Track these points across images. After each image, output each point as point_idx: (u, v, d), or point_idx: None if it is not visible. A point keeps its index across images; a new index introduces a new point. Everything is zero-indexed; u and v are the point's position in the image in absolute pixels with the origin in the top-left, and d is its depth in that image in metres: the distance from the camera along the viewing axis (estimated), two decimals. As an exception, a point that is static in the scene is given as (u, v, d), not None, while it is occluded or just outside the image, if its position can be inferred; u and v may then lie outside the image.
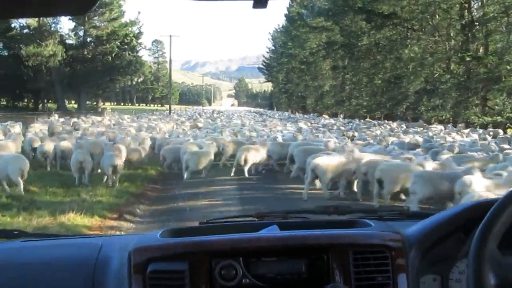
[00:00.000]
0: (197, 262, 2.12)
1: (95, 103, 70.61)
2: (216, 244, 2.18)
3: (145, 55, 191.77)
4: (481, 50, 40.40)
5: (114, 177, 15.50)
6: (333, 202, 12.13)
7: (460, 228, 2.14)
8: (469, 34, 40.66)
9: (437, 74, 42.92)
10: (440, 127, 35.62)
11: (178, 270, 2.10)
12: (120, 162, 15.73)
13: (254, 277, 2.13)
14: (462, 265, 2.12)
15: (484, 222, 1.75)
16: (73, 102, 75.84)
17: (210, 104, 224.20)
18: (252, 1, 1.28)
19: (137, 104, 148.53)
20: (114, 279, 2.17)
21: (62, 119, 39.93)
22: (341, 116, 62.55)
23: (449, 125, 37.84)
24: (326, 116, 61.80)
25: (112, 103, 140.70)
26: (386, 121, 45.63)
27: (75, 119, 39.98)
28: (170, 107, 70.79)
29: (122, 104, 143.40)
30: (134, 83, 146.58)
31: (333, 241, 2.19)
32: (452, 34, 43.55)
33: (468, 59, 37.11)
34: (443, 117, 42.26)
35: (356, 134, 29.69)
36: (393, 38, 49.22)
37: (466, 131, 30.22)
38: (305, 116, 66.32)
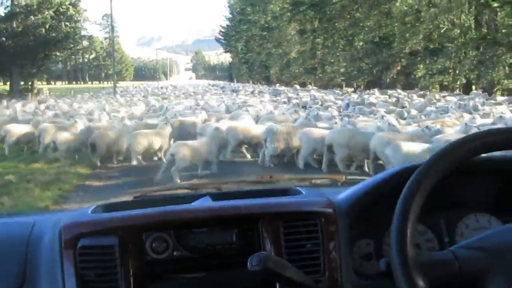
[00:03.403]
0: (127, 236, 2.12)
1: (28, 83, 61.85)
2: (145, 218, 2.19)
3: (95, 31, 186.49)
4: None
5: None
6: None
7: (388, 194, 2.06)
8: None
9: (444, 29, 35.02)
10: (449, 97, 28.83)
11: (108, 245, 2.10)
12: None
13: (185, 249, 2.19)
14: None
15: (404, 191, 1.68)
16: (7, 83, 67.03)
17: (167, 79, 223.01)
18: None
19: (89, 82, 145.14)
20: (46, 256, 2.16)
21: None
22: (311, 85, 57.46)
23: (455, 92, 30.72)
24: (297, 86, 55.18)
25: (64, 82, 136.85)
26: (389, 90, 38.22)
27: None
28: (114, 85, 61.42)
29: (74, 82, 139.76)
30: (86, 60, 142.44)
31: (263, 210, 2.22)
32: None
33: (496, 4, 29.10)
34: (458, 83, 34.79)
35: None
36: (377, -10, 41.56)
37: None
38: (272, 88, 58.99)
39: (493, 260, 1.65)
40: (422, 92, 34.07)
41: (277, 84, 66.08)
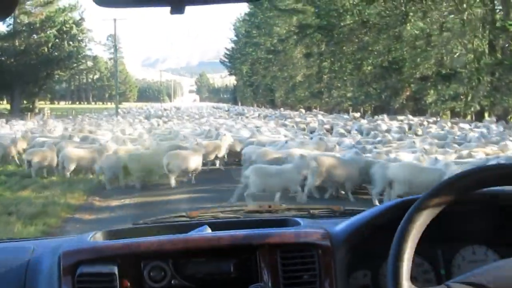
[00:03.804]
0: (126, 264, 2.14)
1: (29, 103, 60.66)
2: (144, 246, 2.20)
3: (100, 51, 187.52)
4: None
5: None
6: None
7: (386, 225, 2.02)
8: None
9: (457, 54, 33.83)
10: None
11: (107, 272, 2.10)
12: None
13: (183, 278, 2.18)
14: None
15: (401, 225, 1.69)
16: (8, 102, 65.98)
17: (171, 101, 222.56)
18: (170, 7, 1.38)
19: (93, 103, 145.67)
20: (45, 282, 2.16)
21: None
22: (317, 109, 57.50)
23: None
24: (303, 110, 54.51)
25: (68, 102, 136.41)
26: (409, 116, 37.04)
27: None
28: (116, 106, 60.39)
29: (78, 103, 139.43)
30: (90, 80, 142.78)
31: (260, 240, 2.22)
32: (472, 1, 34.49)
33: (513, 29, 27.93)
34: (472, 109, 33.59)
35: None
36: (387, 14, 40.45)
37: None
38: (279, 112, 57.94)
39: None
40: (434, 119, 33.04)
41: (282, 108, 64.94)
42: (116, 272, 2.07)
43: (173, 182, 14.98)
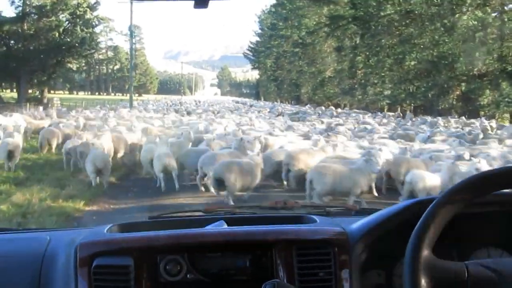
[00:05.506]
0: (142, 257, 2.14)
1: (37, 92, 57.05)
2: (160, 240, 2.20)
3: (121, 41, 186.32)
4: None
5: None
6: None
7: (401, 225, 2.08)
8: None
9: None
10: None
11: (123, 265, 2.11)
12: None
13: (198, 272, 2.18)
14: None
15: (418, 224, 1.70)
16: (14, 90, 62.55)
17: (192, 94, 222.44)
18: (193, 1, 1.41)
19: (113, 94, 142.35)
20: (61, 273, 2.18)
21: None
22: (347, 108, 54.72)
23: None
24: (333, 108, 51.21)
25: (87, 93, 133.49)
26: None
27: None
28: (131, 98, 56.62)
29: (97, 93, 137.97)
30: (109, 71, 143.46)
31: (277, 236, 2.22)
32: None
33: None
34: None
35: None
36: (435, 3, 35.80)
37: None
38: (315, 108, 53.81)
39: (503, 284, 1.63)
40: (499, 123, 28.83)
41: (308, 105, 61.09)
42: (132, 265, 2.07)
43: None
